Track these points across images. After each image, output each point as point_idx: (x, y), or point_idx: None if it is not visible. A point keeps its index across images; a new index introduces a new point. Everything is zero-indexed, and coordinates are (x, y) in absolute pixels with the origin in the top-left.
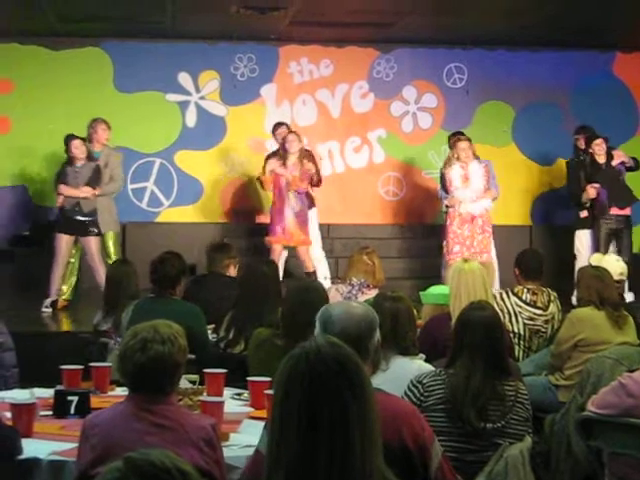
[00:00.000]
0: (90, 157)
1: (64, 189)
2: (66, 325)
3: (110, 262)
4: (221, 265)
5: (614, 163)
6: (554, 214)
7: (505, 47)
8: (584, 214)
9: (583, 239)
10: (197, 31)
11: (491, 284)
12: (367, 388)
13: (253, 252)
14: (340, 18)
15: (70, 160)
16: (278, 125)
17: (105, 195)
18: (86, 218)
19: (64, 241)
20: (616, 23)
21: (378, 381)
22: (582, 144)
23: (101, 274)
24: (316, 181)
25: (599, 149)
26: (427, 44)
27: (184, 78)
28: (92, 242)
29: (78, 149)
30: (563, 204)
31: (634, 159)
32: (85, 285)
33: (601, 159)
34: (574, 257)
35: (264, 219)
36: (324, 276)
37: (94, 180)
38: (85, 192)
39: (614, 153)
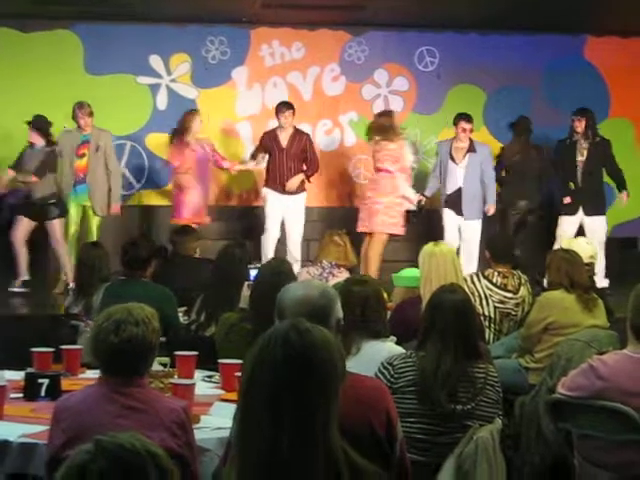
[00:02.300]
0: (49, 143)
1: (10, 172)
2: (36, 308)
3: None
4: (187, 248)
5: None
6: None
7: (477, 30)
8: (567, 200)
9: (564, 225)
10: (168, 13)
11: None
12: (334, 373)
13: (225, 235)
14: (312, 1)
15: (30, 144)
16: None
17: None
18: (43, 203)
19: (23, 223)
20: (586, 7)
21: (349, 364)
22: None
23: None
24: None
25: (577, 124)
26: (399, 27)
27: (155, 61)
28: (56, 226)
29: (32, 138)
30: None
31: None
32: (57, 268)
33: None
34: (552, 241)
35: (234, 201)
36: (295, 259)
37: (43, 166)
38: (23, 177)
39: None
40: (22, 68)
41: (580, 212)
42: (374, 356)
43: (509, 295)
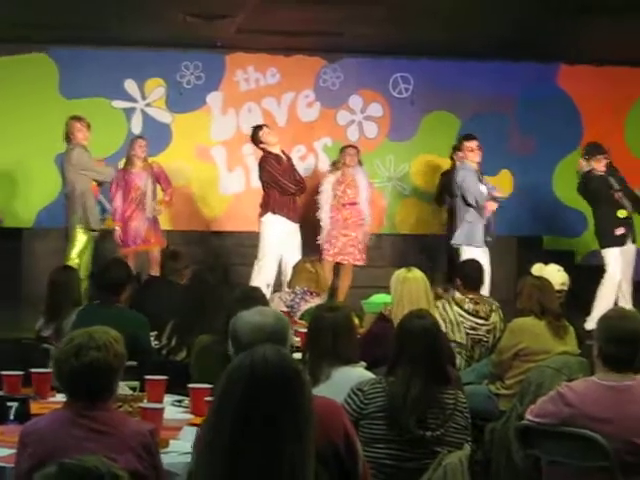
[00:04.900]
0: None
1: None
2: (7, 331)
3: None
4: (176, 273)
5: None
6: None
7: (451, 57)
8: (620, 231)
9: (619, 256)
10: (143, 38)
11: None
12: (307, 402)
13: (198, 259)
14: (287, 27)
15: None
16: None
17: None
18: None
19: None
20: (560, 35)
21: (320, 390)
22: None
23: None
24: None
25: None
26: (373, 54)
27: (130, 85)
28: None
29: None
30: (507, 215)
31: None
32: (26, 290)
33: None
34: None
35: (207, 227)
36: (266, 284)
37: None
38: None
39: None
40: None
41: (629, 242)
42: (344, 382)
43: (480, 321)
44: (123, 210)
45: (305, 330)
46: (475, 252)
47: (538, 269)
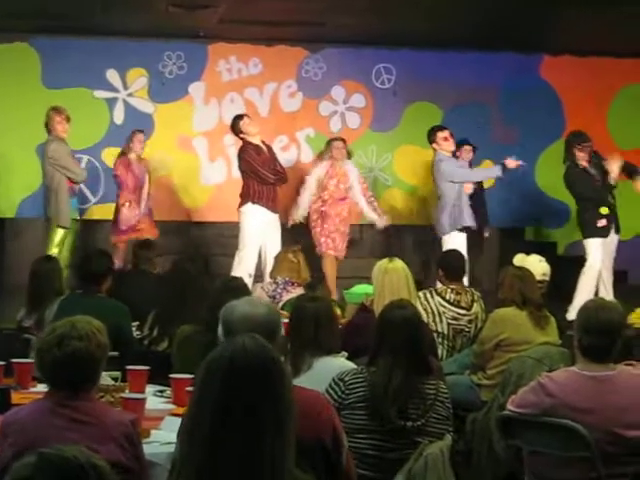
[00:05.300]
0: None
1: None
2: None
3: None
4: (148, 262)
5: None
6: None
7: (433, 48)
8: (602, 223)
9: (599, 246)
10: (126, 28)
11: None
12: (287, 392)
13: (179, 250)
14: (269, 17)
15: None
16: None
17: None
18: None
19: None
20: (542, 26)
21: (301, 380)
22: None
23: None
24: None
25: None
26: (355, 44)
27: (112, 75)
28: None
29: None
30: (489, 206)
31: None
32: (8, 280)
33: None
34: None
35: (188, 217)
36: (248, 273)
37: None
38: None
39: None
40: None
41: (612, 233)
42: (326, 372)
43: (462, 312)
44: (119, 200)
45: (287, 320)
46: (458, 238)
47: (520, 259)
